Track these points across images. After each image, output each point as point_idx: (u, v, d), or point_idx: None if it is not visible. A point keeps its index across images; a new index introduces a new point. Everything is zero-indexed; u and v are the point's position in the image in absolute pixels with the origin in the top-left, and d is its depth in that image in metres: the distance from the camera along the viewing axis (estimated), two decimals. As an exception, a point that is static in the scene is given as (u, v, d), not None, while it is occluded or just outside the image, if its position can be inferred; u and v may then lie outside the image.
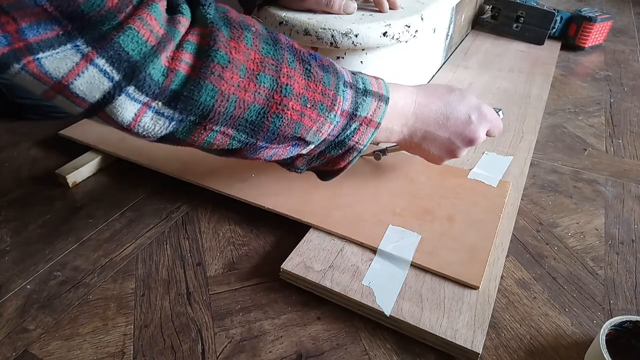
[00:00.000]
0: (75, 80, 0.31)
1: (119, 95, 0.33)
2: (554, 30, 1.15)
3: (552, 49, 1.12)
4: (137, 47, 0.32)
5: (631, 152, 0.76)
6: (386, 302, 0.46)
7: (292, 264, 0.50)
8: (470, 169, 0.64)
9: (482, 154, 0.68)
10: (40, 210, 0.61)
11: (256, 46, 0.38)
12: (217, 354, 0.44)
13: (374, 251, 0.52)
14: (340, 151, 0.47)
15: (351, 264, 0.50)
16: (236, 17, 0.38)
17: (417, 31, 0.67)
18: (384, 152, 0.62)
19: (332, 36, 0.61)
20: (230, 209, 0.61)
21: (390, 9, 0.68)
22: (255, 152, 0.43)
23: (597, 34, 1.15)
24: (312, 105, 0.41)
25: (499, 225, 0.55)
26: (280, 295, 0.50)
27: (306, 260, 0.51)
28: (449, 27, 0.96)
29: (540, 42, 1.13)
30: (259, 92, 0.38)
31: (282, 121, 0.40)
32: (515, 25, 1.15)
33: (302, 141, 0.44)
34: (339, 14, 0.64)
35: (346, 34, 0.61)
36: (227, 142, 0.40)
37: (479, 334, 0.43)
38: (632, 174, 0.70)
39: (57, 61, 0.30)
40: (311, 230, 0.55)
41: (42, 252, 0.55)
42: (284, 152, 0.45)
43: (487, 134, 0.55)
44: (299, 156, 0.47)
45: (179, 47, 0.34)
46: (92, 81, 0.31)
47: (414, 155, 0.56)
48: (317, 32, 0.61)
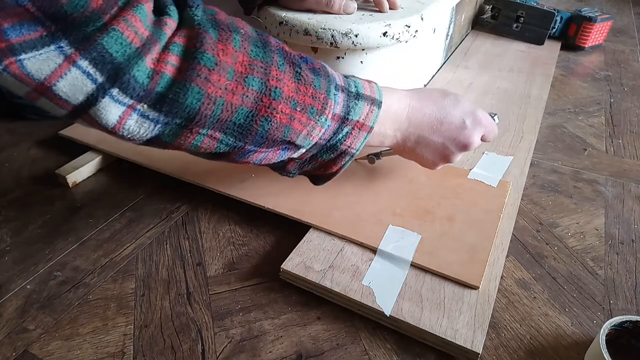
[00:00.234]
0: (58, 82, 0.31)
1: (103, 97, 0.32)
2: (554, 30, 1.15)
3: (552, 49, 1.12)
4: (121, 49, 0.31)
5: (631, 152, 0.76)
6: (386, 302, 0.46)
7: (292, 264, 0.50)
8: (470, 169, 0.64)
9: (482, 154, 0.68)
10: (40, 210, 0.61)
11: (245, 49, 0.37)
12: (217, 354, 0.44)
13: (374, 251, 0.52)
14: (332, 155, 0.47)
15: (351, 264, 0.50)
16: (225, 19, 0.38)
17: (417, 31, 0.67)
18: (377, 155, 0.62)
19: (332, 36, 0.61)
20: (230, 209, 0.61)
21: (390, 9, 0.68)
22: (244, 155, 0.42)
23: (597, 34, 1.15)
24: (302, 108, 0.41)
25: (499, 225, 0.55)
26: (280, 295, 0.50)
27: (306, 260, 0.51)
28: (449, 27, 0.96)
29: (540, 42, 1.13)
30: (247, 95, 0.37)
31: (271, 124, 0.40)
32: (515, 25, 1.15)
33: (292, 145, 0.43)
34: (339, 14, 0.64)
35: (346, 34, 0.61)
36: (215, 146, 0.40)
37: (479, 334, 0.43)
38: (632, 174, 0.70)
39: (40, 62, 0.30)
40: (311, 230, 0.55)
41: (42, 252, 0.55)
42: (274, 156, 0.44)
43: (481, 139, 0.54)
44: (291, 160, 0.47)
45: (165, 49, 0.34)
46: (75, 83, 0.31)
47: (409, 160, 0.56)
48: (317, 32, 0.61)
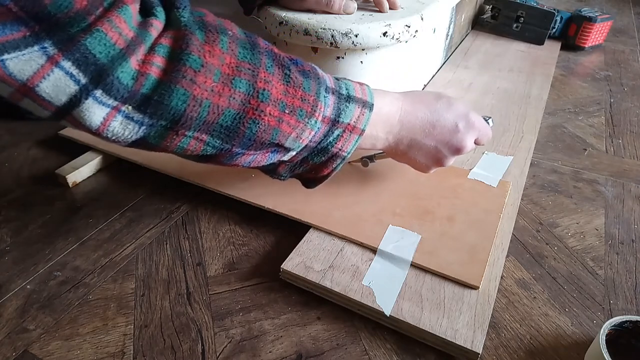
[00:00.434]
0: (40, 82, 0.31)
1: (86, 98, 0.32)
2: (554, 30, 1.15)
3: (552, 49, 1.12)
4: (104, 50, 0.31)
5: (631, 152, 0.76)
6: (386, 302, 0.46)
7: (292, 264, 0.50)
8: (470, 169, 0.64)
9: (482, 154, 0.68)
10: (40, 210, 0.61)
11: (232, 50, 0.37)
12: (217, 354, 0.44)
13: (374, 251, 0.52)
14: (323, 158, 0.47)
15: (351, 264, 0.50)
16: (213, 21, 0.38)
17: (417, 31, 0.67)
18: (371, 158, 0.61)
19: (332, 36, 0.61)
20: (230, 209, 0.61)
21: (390, 9, 0.68)
22: (231, 158, 0.42)
23: (597, 34, 1.15)
24: (291, 111, 0.41)
25: (499, 225, 0.55)
26: (280, 295, 0.50)
27: (306, 260, 0.51)
28: (449, 27, 0.96)
29: (540, 42, 1.13)
30: (234, 97, 0.37)
31: (258, 127, 0.39)
32: (515, 25, 1.15)
33: (281, 148, 0.43)
34: (339, 14, 0.65)
35: (346, 34, 0.61)
36: (202, 148, 0.39)
37: (479, 334, 0.43)
38: (632, 174, 0.70)
39: (22, 63, 0.30)
40: (311, 230, 0.55)
41: (42, 252, 0.55)
42: (263, 158, 0.44)
43: (475, 142, 0.54)
44: (281, 163, 0.47)
45: (151, 50, 0.34)
46: (58, 84, 0.31)
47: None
48: (317, 32, 0.61)
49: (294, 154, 0.45)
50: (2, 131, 0.78)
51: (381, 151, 0.53)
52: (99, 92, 0.32)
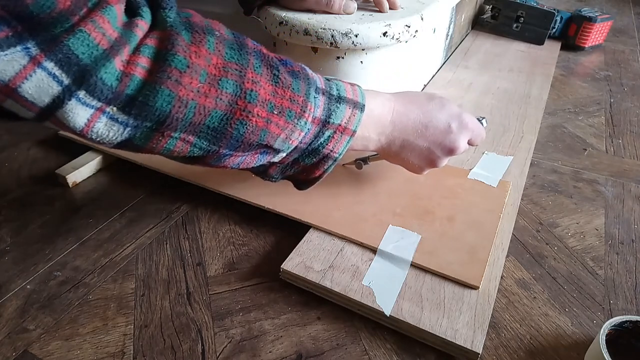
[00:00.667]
0: (23, 83, 0.30)
1: (69, 99, 0.32)
2: (554, 30, 1.15)
3: (552, 49, 1.12)
4: (87, 51, 0.31)
5: (631, 152, 0.76)
6: (386, 302, 0.46)
7: (292, 264, 0.50)
8: (470, 169, 0.64)
9: (482, 154, 0.68)
10: (40, 210, 0.61)
11: (219, 51, 0.37)
12: (217, 354, 0.44)
13: (374, 251, 0.52)
14: (314, 159, 0.46)
15: (351, 264, 0.50)
16: (200, 21, 0.37)
17: (417, 31, 0.67)
18: (365, 160, 0.61)
19: (332, 36, 0.61)
20: (230, 209, 0.61)
21: (390, 9, 0.68)
22: (219, 160, 0.42)
23: (597, 34, 1.15)
24: (280, 112, 0.40)
25: (499, 225, 0.55)
26: (280, 295, 0.50)
27: (306, 260, 0.51)
28: (449, 27, 0.96)
29: (540, 42, 1.13)
30: (221, 98, 0.37)
31: (246, 128, 0.39)
32: (515, 25, 1.15)
33: (270, 149, 0.43)
34: (339, 14, 0.65)
35: (346, 34, 0.61)
36: (188, 149, 0.39)
37: (479, 334, 0.43)
38: (632, 174, 0.70)
39: (4, 63, 0.29)
40: (311, 230, 0.55)
41: (42, 252, 0.55)
42: (252, 160, 0.43)
43: (468, 143, 0.54)
44: (272, 164, 0.46)
45: (136, 50, 0.33)
46: (40, 85, 0.31)
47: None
48: (317, 32, 0.61)
49: (284, 155, 0.44)
50: (2, 131, 0.78)
51: (375, 153, 0.53)
52: (82, 93, 0.32)
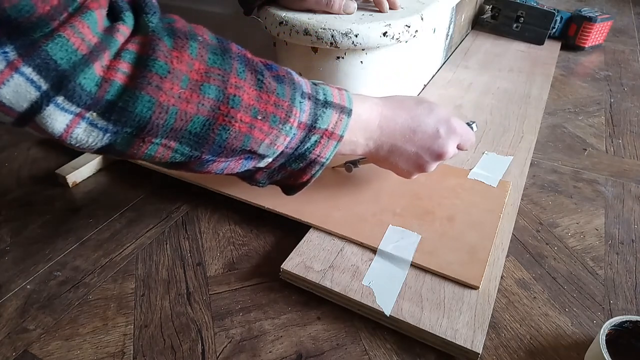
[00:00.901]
0: (0, 88, 0.30)
1: (47, 105, 0.31)
2: (554, 30, 1.15)
3: (552, 49, 1.12)
4: (66, 56, 0.31)
5: (631, 152, 0.76)
6: (386, 302, 0.46)
7: (292, 264, 0.50)
8: (470, 169, 0.64)
9: (482, 154, 0.68)
10: (40, 210, 0.61)
11: (202, 56, 0.36)
12: (217, 354, 0.44)
13: (374, 251, 0.52)
14: (301, 164, 0.46)
15: (351, 264, 0.50)
16: (183, 27, 0.37)
17: (417, 31, 0.67)
18: (355, 163, 0.61)
19: (332, 36, 0.61)
20: (230, 209, 0.61)
21: (390, 9, 0.68)
22: (202, 165, 0.41)
23: (597, 34, 1.15)
24: (264, 117, 0.40)
25: (499, 225, 0.55)
26: (280, 295, 0.50)
27: (306, 260, 0.51)
28: (449, 27, 0.96)
29: (540, 42, 1.13)
30: (203, 104, 0.36)
31: (229, 133, 0.38)
32: (515, 25, 1.15)
33: (255, 154, 0.42)
34: (339, 14, 0.64)
35: (346, 34, 0.61)
36: (170, 155, 0.39)
37: (479, 334, 0.43)
38: (632, 174, 0.70)
39: None
40: (311, 230, 0.55)
41: (42, 252, 0.55)
42: (236, 165, 0.43)
43: (458, 148, 0.53)
44: (258, 170, 0.46)
45: (117, 56, 0.33)
46: (18, 90, 0.30)
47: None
48: (317, 32, 0.61)
49: (270, 160, 0.44)
50: (2, 131, 0.78)
51: (364, 156, 0.53)
52: (60, 99, 0.31)
